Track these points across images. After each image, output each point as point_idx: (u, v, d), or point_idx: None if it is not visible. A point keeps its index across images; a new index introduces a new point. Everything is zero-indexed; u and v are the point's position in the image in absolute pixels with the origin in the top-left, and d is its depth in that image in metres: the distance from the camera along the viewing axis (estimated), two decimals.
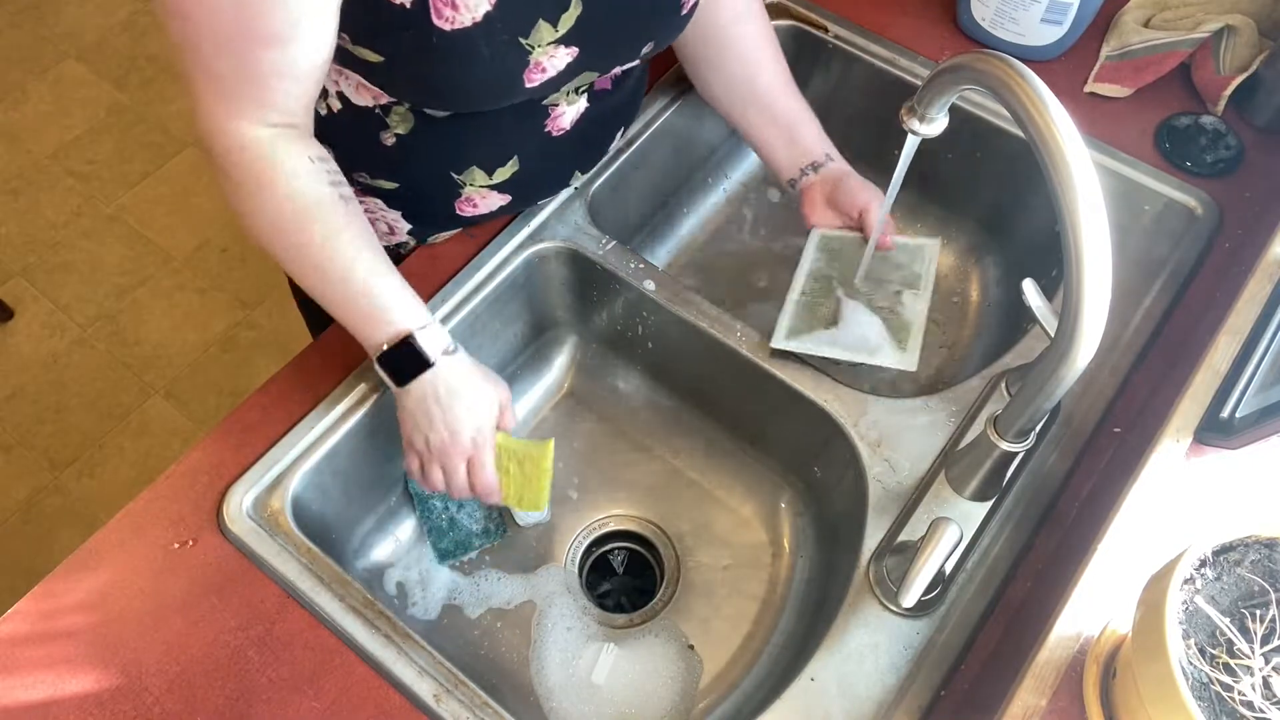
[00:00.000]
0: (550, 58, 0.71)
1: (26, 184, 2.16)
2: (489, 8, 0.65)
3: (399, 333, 0.73)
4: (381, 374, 0.75)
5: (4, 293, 2.00)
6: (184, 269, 2.05)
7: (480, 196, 0.84)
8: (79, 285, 2.02)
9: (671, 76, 1.03)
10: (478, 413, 0.76)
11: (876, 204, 0.89)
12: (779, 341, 0.85)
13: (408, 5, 0.63)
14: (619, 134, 0.93)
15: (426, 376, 0.74)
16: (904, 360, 0.85)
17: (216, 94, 0.65)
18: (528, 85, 0.72)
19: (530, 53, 0.69)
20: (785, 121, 0.93)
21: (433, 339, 0.74)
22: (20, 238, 2.08)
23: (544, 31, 0.69)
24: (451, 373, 0.75)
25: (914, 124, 0.69)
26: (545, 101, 0.78)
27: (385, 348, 0.73)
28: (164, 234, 2.10)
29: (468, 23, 0.65)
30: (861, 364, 0.86)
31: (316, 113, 0.76)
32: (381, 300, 0.73)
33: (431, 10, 0.64)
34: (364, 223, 0.73)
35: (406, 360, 0.73)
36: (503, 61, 0.69)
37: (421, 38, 0.65)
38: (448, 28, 0.65)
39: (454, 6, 0.64)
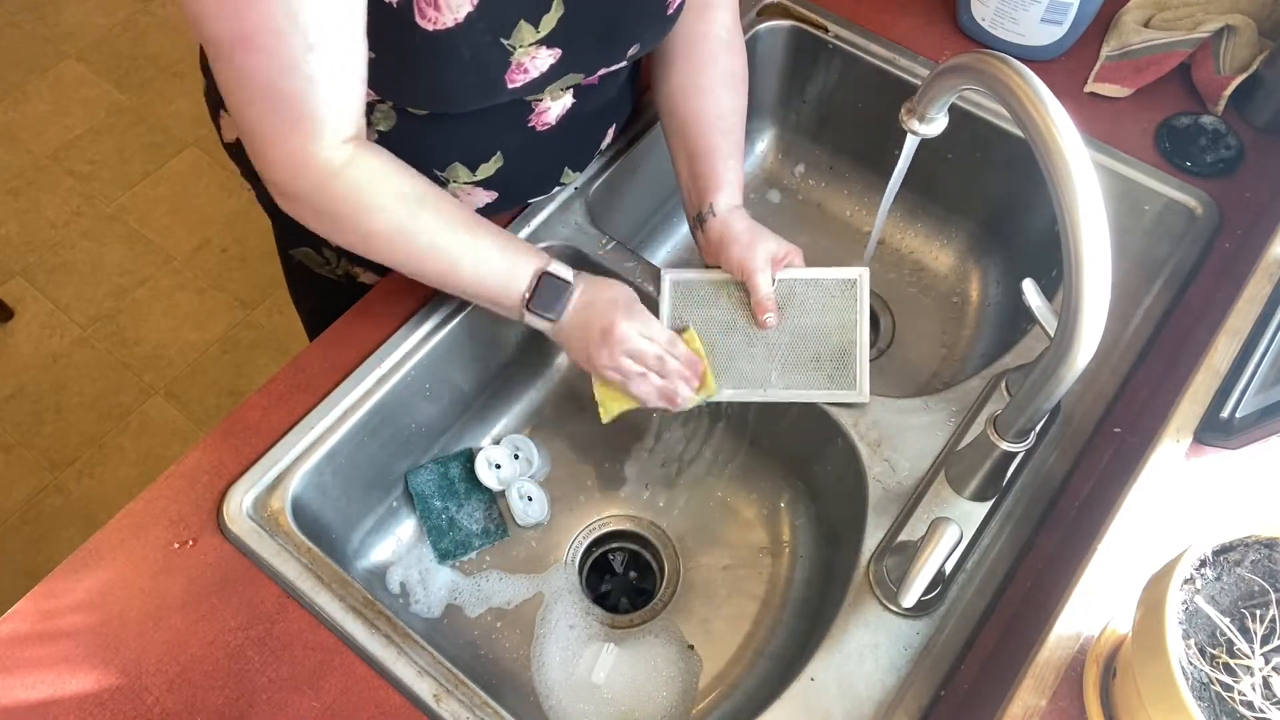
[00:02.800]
0: (532, 59, 0.71)
1: (26, 184, 2.16)
2: (470, 8, 0.65)
3: (535, 273, 0.77)
4: (537, 322, 0.79)
5: (4, 293, 2.00)
6: (184, 269, 2.05)
7: (465, 193, 0.84)
8: (79, 285, 2.02)
9: None
10: (626, 305, 0.79)
11: (759, 260, 0.82)
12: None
13: (394, 4, 0.63)
14: (610, 130, 0.92)
15: (576, 298, 0.78)
16: (853, 394, 0.82)
17: (293, 124, 0.64)
18: (510, 86, 0.72)
19: (512, 53, 0.69)
20: (691, 152, 0.86)
21: (559, 268, 0.79)
22: (20, 238, 2.08)
23: (525, 32, 0.69)
24: (588, 285, 0.80)
25: (914, 124, 0.69)
26: (529, 98, 0.78)
27: (528, 295, 0.77)
28: (164, 234, 2.10)
29: (449, 23, 0.65)
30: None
31: None
32: (507, 263, 0.77)
33: (415, 10, 0.64)
34: (451, 201, 0.76)
35: (549, 293, 0.78)
36: (484, 62, 0.69)
37: (405, 37, 0.65)
38: (430, 28, 0.65)
39: (436, 7, 0.64)
